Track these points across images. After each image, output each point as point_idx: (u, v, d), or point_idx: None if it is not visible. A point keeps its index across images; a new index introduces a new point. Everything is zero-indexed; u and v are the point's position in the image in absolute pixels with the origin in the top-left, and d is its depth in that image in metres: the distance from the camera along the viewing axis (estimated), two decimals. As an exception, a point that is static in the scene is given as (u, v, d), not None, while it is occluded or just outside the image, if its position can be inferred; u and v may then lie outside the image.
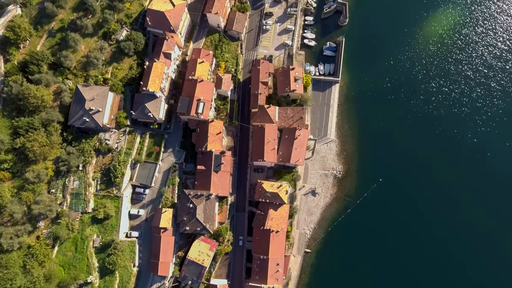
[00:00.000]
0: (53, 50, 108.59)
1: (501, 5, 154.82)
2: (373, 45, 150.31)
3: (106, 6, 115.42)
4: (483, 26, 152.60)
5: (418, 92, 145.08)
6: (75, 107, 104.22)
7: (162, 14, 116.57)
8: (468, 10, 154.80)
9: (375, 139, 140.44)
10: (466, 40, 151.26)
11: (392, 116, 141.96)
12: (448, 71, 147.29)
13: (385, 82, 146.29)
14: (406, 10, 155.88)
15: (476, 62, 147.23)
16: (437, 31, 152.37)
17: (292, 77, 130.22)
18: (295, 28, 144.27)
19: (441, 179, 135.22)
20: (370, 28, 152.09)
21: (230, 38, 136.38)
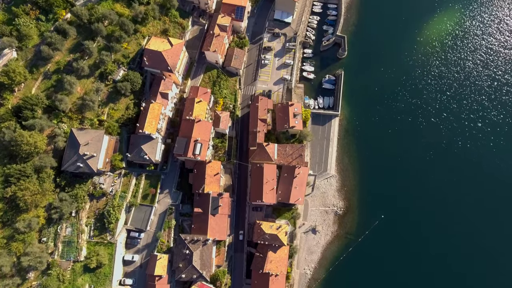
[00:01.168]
0: (48, 93, 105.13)
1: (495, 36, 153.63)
2: (373, 78, 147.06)
3: (103, 47, 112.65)
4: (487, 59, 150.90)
5: (419, 126, 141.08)
6: (69, 152, 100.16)
7: (160, 54, 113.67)
8: (467, 46, 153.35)
9: (376, 174, 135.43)
10: (468, 73, 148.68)
11: (393, 149, 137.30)
12: (448, 105, 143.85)
13: (385, 115, 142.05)
14: (405, 43, 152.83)
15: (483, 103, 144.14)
16: (438, 64, 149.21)
17: (291, 113, 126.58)
18: (294, 62, 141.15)
19: (446, 215, 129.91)
20: (369, 61, 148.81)
21: (229, 74, 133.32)
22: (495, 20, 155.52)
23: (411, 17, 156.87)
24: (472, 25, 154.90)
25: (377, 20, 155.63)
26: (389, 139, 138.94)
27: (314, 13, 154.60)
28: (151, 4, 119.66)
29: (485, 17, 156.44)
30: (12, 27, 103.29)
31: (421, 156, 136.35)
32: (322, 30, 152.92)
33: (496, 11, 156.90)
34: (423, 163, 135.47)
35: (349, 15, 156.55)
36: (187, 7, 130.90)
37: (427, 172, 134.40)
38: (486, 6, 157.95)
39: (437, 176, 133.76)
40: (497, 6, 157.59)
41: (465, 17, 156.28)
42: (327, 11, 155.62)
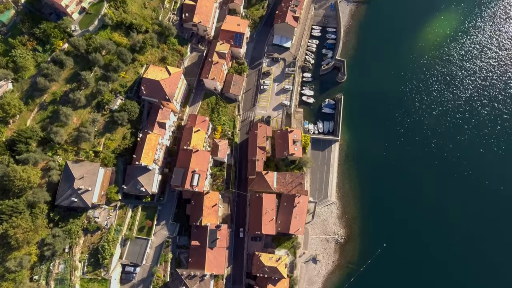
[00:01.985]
0: (43, 124, 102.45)
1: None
2: (373, 101, 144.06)
3: (100, 77, 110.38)
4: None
5: (421, 150, 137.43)
6: (64, 186, 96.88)
7: (158, 83, 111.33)
8: (466, 70, 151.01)
9: (378, 200, 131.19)
10: (468, 98, 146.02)
11: (395, 175, 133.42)
12: (448, 129, 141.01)
13: (386, 139, 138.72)
14: (405, 67, 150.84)
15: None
16: (438, 88, 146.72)
17: (291, 139, 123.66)
18: (293, 87, 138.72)
19: (451, 244, 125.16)
20: (369, 85, 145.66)
21: (227, 100, 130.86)
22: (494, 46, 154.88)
23: (410, 40, 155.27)
24: (472, 51, 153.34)
25: (376, 44, 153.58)
26: (390, 164, 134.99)
27: (313, 37, 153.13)
28: (150, 33, 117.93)
29: (485, 42, 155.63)
30: (8, 58, 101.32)
31: (424, 182, 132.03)
32: (321, 54, 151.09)
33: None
34: (426, 189, 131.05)
35: (348, 39, 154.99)
36: (185, 34, 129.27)
37: (430, 198, 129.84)
38: (487, 31, 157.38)
39: (441, 202, 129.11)
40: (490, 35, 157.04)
41: (464, 44, 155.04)
42: (326, 35, 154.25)
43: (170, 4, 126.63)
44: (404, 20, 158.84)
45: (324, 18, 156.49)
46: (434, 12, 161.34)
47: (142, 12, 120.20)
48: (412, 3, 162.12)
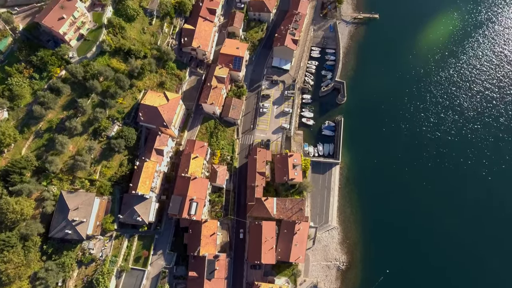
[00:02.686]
0: (39, 152, 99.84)
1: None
2: (373, 123, 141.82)
3: (97, 103, 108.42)
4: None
5: (423, 172, 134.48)
6: (58, 217, 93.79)
7: (156, 109, 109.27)
8: (465, 90, 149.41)
9: (380, 225, 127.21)
10: (467, 118, 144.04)
11: (397, 198, 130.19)
12: (453, 150, 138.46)
13: (387, 162, 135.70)
14: (405, 86, 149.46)
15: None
16: (439, 110, 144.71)
17: (291, 164, 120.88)
18: (293, 110, 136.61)
19: (456, 270, 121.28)
20: (369, 106, 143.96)
21: (226, 123, 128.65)
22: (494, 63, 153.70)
23: (409, 61, 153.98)
24: (472, 72, 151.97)
25: (375, 65, 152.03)
26: (392, 187, 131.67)
27: (313, 58, 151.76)
28: (148, 58, 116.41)
29: (483, 63, 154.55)
30: (4, 86, 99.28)
31: (427, 206, 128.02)
32: (321, 75, 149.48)
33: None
34: (430, 213, 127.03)
35: (348, 60, 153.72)
36: (184, 58, 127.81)
37: (435, 222, 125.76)
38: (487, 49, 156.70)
39: (445, 227, 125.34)
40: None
41: (463, 64, 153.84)
42: (325, 56, 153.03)
43: (169, 29, 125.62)
44: (402, 40, 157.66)
45: (324, 40, 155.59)
46: (433, 32, 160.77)
47: (140, 37, 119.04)
48: (410, 24, 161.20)
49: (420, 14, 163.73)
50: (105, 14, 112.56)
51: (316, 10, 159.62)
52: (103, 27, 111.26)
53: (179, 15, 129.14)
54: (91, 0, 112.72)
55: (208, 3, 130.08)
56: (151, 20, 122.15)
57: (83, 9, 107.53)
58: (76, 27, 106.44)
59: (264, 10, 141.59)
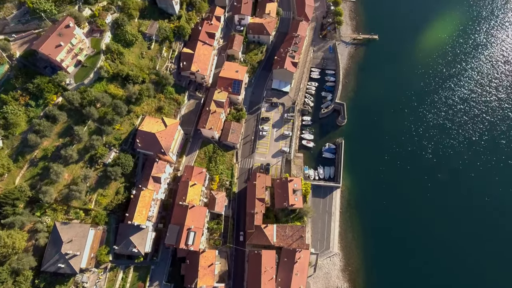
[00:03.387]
0: (33, 182, 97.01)
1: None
2: (374, 145, 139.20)
3: (94, 130, 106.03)
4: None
5: (426, 194, 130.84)
6: (51, 250, 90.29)
7: (153, 135, 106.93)
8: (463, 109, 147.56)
9: (382, 251, 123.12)
10: (469, 137, 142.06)
11: (399, 223, 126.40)
12: (457, 171, 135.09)
13: (388, 185, 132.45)
14: (406, 107, 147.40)
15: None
16: (439, 132, 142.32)
17: (291, 189, 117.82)
18: (293, 133, 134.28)
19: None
20: (370, 128, 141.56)
21: (225, 147, 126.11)
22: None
23: (409, 81, 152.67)
24: (472, 92, 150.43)
25: (375, 85, 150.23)
26: (394, 211, 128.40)
27: (312, 79, 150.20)
28: (146, 83, 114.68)
29: (485, 82, 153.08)
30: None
31: (432, 231, 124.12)
32: (321, 97, 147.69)
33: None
34: (435, 238, 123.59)
35: (348, 81, 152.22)
36: (183, 82, 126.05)
37: (439, 248, 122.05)
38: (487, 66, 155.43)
39: (450, 252, 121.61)
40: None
41: (465, 81, 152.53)
42: (325, 77, 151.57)
43: (168, 53, 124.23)
44: (402, 61, 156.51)
45: (323, 61, 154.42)
46: (432, 52, 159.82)
47: (139, 62, 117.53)
48: (409, 45, 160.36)
49: (420, 35, 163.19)
50: (104, 40, 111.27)
51: (316, 32, 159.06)
52: (101, 53, 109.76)
53: (178, 39, 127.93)
54: (89, 26, 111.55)
55: (208, 27, 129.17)
56: (150, 44, 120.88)
57: (81, 35, 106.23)
58: (74, 54, 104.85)
59: (263, 32, 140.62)
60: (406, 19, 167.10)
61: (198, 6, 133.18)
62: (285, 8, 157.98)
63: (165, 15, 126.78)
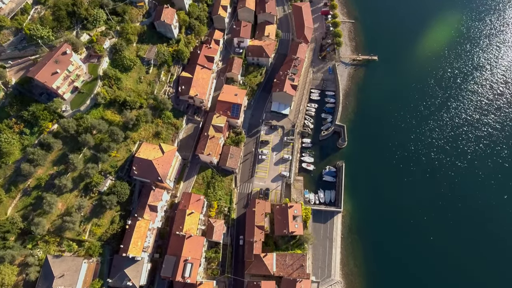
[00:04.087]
0: (25, 212, 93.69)
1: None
2: (376, 168, 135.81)
3: (90, 157, 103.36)
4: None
5: (429, 220, 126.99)
6: (42, 285, 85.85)
7: (150, 162, 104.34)
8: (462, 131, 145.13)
9: (385, 279, 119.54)
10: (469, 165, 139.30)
11: (404, 250, 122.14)
12: (460, 195, 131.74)
13: (391, 210, 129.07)
14: (407, 129, 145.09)
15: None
16: (444, 151, 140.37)
17: (291, 215, 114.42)
18: (292, 157, 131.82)
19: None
20: (371, 151, 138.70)
21: (224, 172, 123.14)
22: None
23: (409, 103, 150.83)
24: (473, 113, 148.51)
25: (376, 107, 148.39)
26: (397, 237, 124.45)
27: (312, 101, 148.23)
28: (144, 109, 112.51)
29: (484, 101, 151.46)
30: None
31: (439, 258, 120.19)
32: (321, 118, 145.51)
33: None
34: (442, 266, 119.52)
35: (348, 102, 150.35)
36: (181, 106, 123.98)
37: (448, 276, 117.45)
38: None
39: (460, 279, 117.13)
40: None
41: (465, 103, 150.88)
42: (325, 99, 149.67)
43: (166, 77, 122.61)
44: (402, 82, 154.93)
45: (323, 82, 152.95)
46: (433, 73, 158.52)
47: (137, 87, 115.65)
48: (409, 65, 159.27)
49: (419, 55, 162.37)
50: (101, 65, 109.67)
51: (315, 52, 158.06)
52: (98, 79, 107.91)
53: (177, 63, 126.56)
54: (87, 52, 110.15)
55: (206, 50, 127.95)
56: (148, 69, 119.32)
57: (78, 62, 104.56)
58: (71, 80, 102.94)
59: (262, 55, 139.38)
60: (405, 39, 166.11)
61: (197, 30, 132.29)
62: (284, 30, 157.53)
63: (163, 39, 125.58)
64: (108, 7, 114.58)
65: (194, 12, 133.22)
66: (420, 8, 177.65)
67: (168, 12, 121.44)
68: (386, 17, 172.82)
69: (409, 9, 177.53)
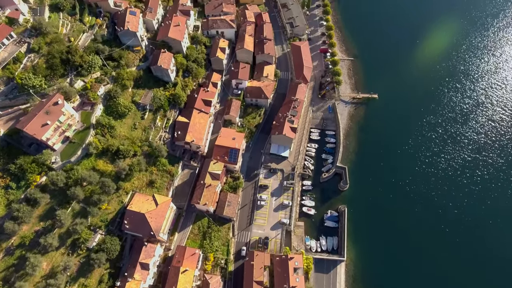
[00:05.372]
0: (7, 274, 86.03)
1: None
2: (379, 212, 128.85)
3: (79, 211, 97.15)
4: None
5: (436, 265, 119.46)
6: None
7: (143, 216, 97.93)
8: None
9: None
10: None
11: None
12: (467, 242, 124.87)
13: (397, 257, 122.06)
14: (409, 169, 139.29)
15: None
16: (448, 193, 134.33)
17: (291, 268, 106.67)
18: (292, 203, 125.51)
19: None
20: (373, 194, 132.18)
21: (221, 220, 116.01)
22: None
23: (411, 142, 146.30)
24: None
25: (377, 147, 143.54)
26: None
27: (312, 141, 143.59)
28: (138, 157, 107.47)
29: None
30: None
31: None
32: (321, 159, 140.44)
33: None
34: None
35: (348, 142, 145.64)
36: (177, 151, 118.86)
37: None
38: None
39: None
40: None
41: (465, 146, 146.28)
42: (325, 138, 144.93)
43: (162, 122, 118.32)
44: (403, 120, 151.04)
45: (323, 121, 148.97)
46: (434, 111, 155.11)
47: (131, 134, 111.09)
48: (410, 104, 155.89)
49: (421, 94, 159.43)
50: (95, 113, 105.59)
51: (314, 91, 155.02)
52: (91, 127, 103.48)
53: (173, 107, 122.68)
54: (80, 99, 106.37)
55: (204, 94, 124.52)
56: (143, 114, 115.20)
57: (70, 111, 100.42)
58: (62, 131, 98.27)
59: (261, 96, 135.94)
60: (405, 77, 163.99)
61: (194, 72, 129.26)
62: (283, 69, 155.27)
63: (160, 83, 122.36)
64: (104, 53, 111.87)
65: (192, 54, 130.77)
66: (420, 45, 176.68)
67: (165, 56, 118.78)
68: (385, 54, 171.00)
69: (409, 46, 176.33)
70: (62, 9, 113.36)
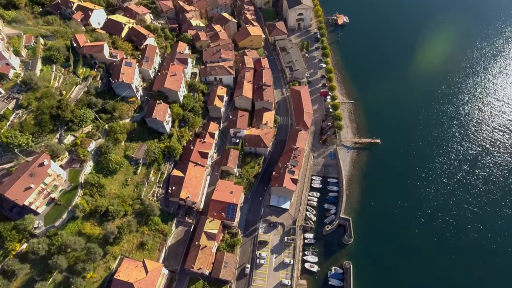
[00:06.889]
0: None
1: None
2: (387, 268, 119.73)
3: (62, 281, 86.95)
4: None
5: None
6: None
7: (131, 286, 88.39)
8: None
9: None
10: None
11: None
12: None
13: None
14: (415, 221, 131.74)
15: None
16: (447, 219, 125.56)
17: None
18: (294, 261, 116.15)
19: None
20: (379, 247, 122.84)
21: (217, 282, 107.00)
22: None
23: (415, 188, 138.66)
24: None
25: (381, 195, 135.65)
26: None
27: (314, 189, 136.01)
28: (128, 217, 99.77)
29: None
30: None
31: None
32: (324, 209, 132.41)
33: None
34: None
35: (351, 190, 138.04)
36: (171, 207, 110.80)
37: None
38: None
39: None
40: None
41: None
42: (327, 186, 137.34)
43: (156, 177, 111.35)
44: (406, 166, 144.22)
45: (324, 168, 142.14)
46: (438, 155, 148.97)
47: (122, 191, 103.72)
48: (413, 149, 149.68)
49: (423, 138, 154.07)
50: (83, 171, 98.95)
51: (315, 136, 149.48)
52: (79, 187, 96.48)
53: (168, 160, 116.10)
54: (69, 156, 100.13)
55: (200, 145, 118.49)
56: (136, 169, 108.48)
57: (57, 170, 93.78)
58: (47, 193, 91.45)
59: (260, 145, 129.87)
60: (406, 122, 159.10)
61: (191, 122, 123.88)
62: (283, 114, 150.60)
63: (155, 135, 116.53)
64: (97, 106, 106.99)
65: (189, 103, 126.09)
66: (421, 85, 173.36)
67: (160, 108, 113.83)
68: (386, 97, 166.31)
69: (409, 87, 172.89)
70: (55, 61, 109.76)
